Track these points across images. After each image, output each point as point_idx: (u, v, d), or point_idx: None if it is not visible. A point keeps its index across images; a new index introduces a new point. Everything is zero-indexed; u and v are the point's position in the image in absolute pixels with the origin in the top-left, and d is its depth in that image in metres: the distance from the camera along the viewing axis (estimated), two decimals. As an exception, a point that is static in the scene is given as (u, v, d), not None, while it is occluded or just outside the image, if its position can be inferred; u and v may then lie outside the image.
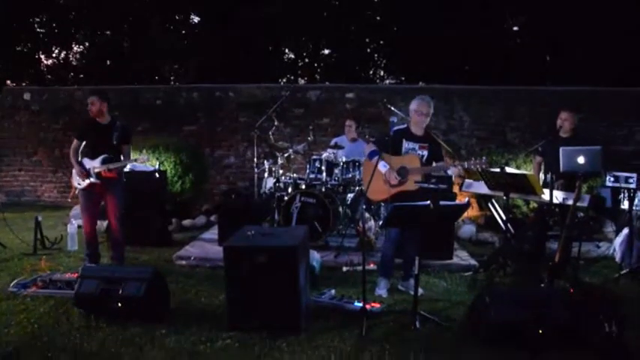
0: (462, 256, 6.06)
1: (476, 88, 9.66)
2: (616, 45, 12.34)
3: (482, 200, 5.87)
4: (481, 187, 5.57)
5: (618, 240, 6.04)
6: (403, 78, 15.83)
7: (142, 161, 5.52)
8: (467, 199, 5.49)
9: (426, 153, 4.84)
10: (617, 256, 5.95)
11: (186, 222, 8.02)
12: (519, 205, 7.49)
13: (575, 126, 5.75)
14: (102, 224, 6.73)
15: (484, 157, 4.62)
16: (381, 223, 5.04)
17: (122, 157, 5.41)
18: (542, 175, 5.85)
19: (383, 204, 5.12)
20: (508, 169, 5.50)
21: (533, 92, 9.34)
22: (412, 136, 4.85)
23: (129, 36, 15.50)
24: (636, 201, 5.77)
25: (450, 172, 4.76)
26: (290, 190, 6.63)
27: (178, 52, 14.74)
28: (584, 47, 12.56)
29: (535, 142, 6.18)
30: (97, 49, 15.33)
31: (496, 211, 5.73)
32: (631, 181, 5.43)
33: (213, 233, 6.92)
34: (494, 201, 5.76)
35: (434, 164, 4.83)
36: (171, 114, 9.66)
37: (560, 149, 5.13)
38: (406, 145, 4.85)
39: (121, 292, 4.06)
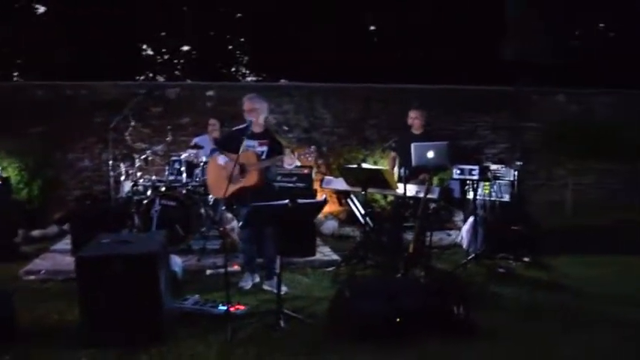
0: (324, 252, 6.25)
1: (335, 85, 9.94)
2: (467, 45, 13.31)
3: (343, 196, 6.10)
4: (340, 184, 5.77)
5: (465, 228, 6.56)
6: (265, 75, 15.92)
7: None
8: (324, 196, 5.65)
9: (265, 149, 4.98)
10: (464, 243, 6.47)
11: (36, 232, 7.42)
12: (377, 199, 7.86)
13: (425, 123, 6.19)
14: None
15: (312, 147, 4.88)
16: (240, 224, 5.06)
17: None
18: (396, 170, 6.21)
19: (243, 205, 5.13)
20: (365, 165, 5.75)
21: (388, 90, 9.81)
22: (251, 134, 4.95)
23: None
24: (479, 191, 6.31)
25: (286, 165, 4.97)
26: (149, 193, 6.41)
27: (22, 46, 13.53)
28: (436, 46, 13.40)
29: (391, 138, 6.54)
30: None
31: (355, 206, 5.97)
32: (474, 173, 5.89)
33: (66, 243, 6.48)
34: (353, 196, 5.99)
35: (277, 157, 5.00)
36: (15, 115, 8.85)
37: (412, 145, 5.48)
38: (246, 142, 4.92)
39: (-44, 316, 3.68)
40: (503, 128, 9.85)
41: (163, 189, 6.35)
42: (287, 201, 3.97)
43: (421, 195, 5.28)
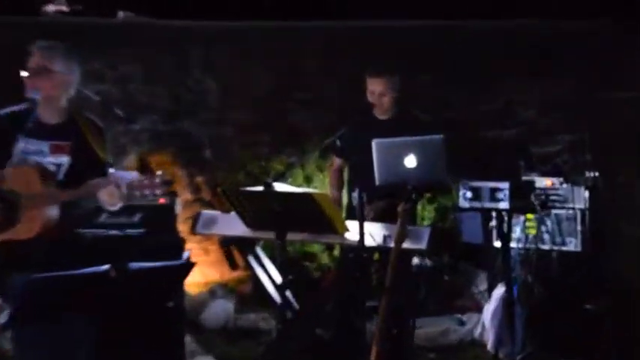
0: (205, 368, 6.19)
1: (227, 25, 9.88)
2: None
3: (238, 249, 6.03)
4: (232, 225, 5.69)
5: (489, 308, 6.57)
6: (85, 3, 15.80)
7: None
8: (187, 253, 5.56)
9: (65, 161, 4.86)
10: (489, 340, 6.48)
11: None
12: (315, 252, 7.83)
13: (398, 98, 6.21)
14: None
15: (159, 173, 4.65)
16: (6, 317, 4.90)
17: None
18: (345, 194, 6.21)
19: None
20: (280, 187, 5.67)
21: (332, 32, 9.83)
22: (39, 128, 4.80)
23: None
24: (517, 232, 6.35)
25: (107, 204, 4.76)
26: None
27: None
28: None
29: (338, 129, 6.50)
30: None
31: (264, 269, 5.89)
32: (500, 196, 5.89)
33: None
34: (259, 250, 5.92)
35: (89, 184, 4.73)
36: None
37: (373, 143, 5.44)
38: (23, 145, 4.76)
39: None
40: (564, 106, 10.00)
41: None
42: (107, 266, 3.87)
43: (391, 244, 5.24)
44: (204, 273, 8.26)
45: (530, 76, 9.89)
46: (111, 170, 4.87)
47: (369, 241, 5.37)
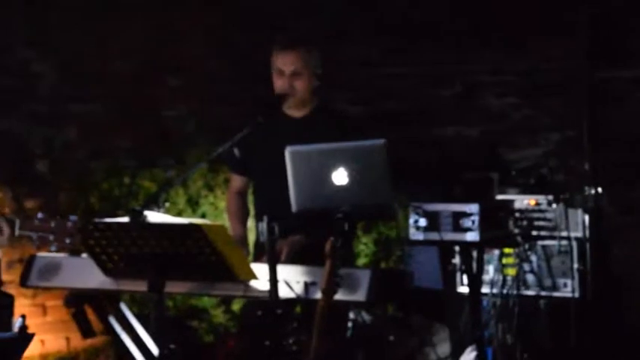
0: None
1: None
2: None
3: (96, 308, 6.02)
4: (84, 273, 5.68)
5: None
6: None
7: None
8: (20, 320, 5.59)
9: None
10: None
11: None
12: (204, 306, 7.86)
13: (318, 83, 6.26)
14: None
15: (73, 218, 4.67)
16: None
17: None
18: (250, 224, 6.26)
19: None
20: (154, 216, 5.70)
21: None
22: None
23: None
24: (491, 273, 6.46)
25: None
26: None
27: None
28: None
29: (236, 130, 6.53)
30: None
31: (132, 334, 5.92)
32: (467, 223, 5.98)
33: None
34: (124, 307, 5.95)
35: None
36: None
37: (287, 153, 5.49)
38: None
39: None
40: (553, 88, 10.13)
41: None
42: None
43: (317, 295, 5.30)
44: (40, 341, 8.22)
45: (503, 43, 9.95)
46: None
47: (284, 292, 5.43)
